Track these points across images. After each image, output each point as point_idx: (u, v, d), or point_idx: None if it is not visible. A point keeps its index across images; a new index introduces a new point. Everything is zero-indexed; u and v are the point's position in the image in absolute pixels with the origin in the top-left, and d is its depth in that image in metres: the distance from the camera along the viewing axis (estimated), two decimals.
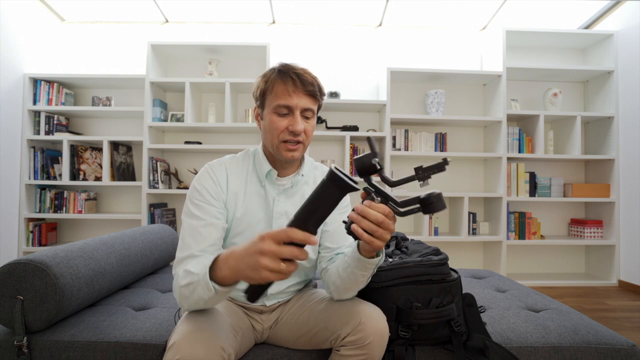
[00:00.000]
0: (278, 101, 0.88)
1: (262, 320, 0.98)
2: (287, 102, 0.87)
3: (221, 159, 0.97)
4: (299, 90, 0.88)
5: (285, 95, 0.87)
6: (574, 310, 1.20)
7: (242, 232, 0.93)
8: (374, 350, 0.81)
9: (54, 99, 2.81)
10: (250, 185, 0.96)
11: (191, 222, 0.86)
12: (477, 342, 0.94)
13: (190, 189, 0.91)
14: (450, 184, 3.10)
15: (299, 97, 0.88)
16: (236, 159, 0.98)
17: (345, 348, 0.83)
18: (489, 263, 2.98)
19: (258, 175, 0.97)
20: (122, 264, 1.25)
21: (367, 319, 0.82)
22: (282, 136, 0.89)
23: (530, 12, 3.10)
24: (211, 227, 0.86)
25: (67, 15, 3.04)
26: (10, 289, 0.94)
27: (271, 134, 0.90)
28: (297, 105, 0.88)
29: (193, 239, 0.83)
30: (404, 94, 3.10)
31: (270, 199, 0.96)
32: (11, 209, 2.64)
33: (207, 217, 0.87)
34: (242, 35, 3.12)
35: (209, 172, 0.92)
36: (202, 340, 0.71)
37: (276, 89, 0.88)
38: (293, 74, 0.88)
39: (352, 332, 0.82)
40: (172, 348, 0.70)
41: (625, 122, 2.79)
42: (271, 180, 0.96)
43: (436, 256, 1.01)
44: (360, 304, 0.87)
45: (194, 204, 0.88)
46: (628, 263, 2.74)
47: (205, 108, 3.02)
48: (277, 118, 0.89)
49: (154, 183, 2.75)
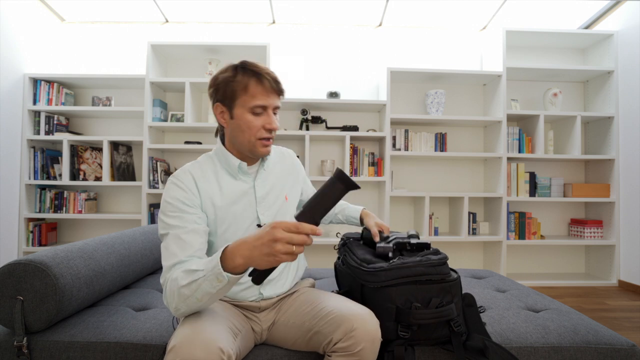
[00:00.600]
0: (256, 102, 0.92)
1: (260, 321, 0.98)
2: (265, 103, 0.93)
3: (183, 167, 0.98)
4: (274, 90, 0.94)
5: (264, 96, 0.92)
6: (574, 310, 1.20)
7: (230, 225, 0.96)
8: (365, 357, 0.81)
9: (54, 99, 2.81)
10: (223, 182, 0.99)
11: (172, 232, 0.86)
12: (476, 342, 0.94)
13: (162, 205, 0.91)
14: (450, 184, 3.10)
15: (274, 97, 0.95)
16: (199, 163, 1.00)
17: (336, 354, 0.82)
18: (489, 263, 2.98)
19: (228, 171, 1.00)
20: (122, 264, 1.25)
21: (359, 324, 0.81)
22: (258, 134, 0.94)
23: (530, 12, 3.10)
24: (193, 233, 0.87)
25: (67, 15, 3.04)
26: (10, 289, 0.94)
27: (248, 133, 0.94)
28: (271, 105, 0.94)
29: (177, 246, 0.84)
30: (404, 94, 3.10)
31: (249, 187, 1.01)
32: (11, 209, 2.64)
33: (187, 225, 0.88)
34: (242, 35, 3.12)
35: (176, 183, 0.93)
36: (201, 342, 0.72)
37: (252, 90, 0.92)
38: (267, 76, 0.93)
39: (343, 338, 0.81)
40: (171, 351, 0.71)
41: (625, 122, 2.79)
42: (243, 171, 1.01)
43: (435, 256, 1.01)
44: (352, 307, 0.86)
45: (169, 217, 0.88)
46: (628, 263, 2.74)
47: (205, 108, 3.02)
48: (253, 117, 0.93)
49: (154, 183, 2.75)
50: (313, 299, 0.96)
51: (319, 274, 1.60)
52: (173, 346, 0.72)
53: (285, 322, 0.96)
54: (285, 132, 2.76)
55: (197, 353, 0.70)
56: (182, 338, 0.73)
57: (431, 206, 3.05)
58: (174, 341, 0.73)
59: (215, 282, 0.73)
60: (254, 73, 0.92)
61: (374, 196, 3.07)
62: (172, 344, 0.72)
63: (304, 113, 2.88)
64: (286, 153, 1.16)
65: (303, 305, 0.96)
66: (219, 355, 0.72)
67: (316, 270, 1.65)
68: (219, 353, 0.72)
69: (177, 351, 0.71)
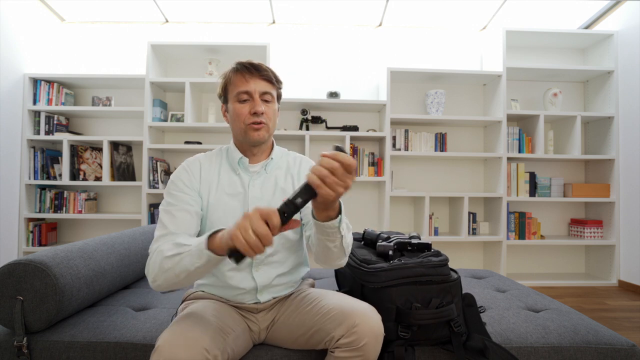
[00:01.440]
0: (237, 89, 0.97)
1: (257, 321, 0.98)
2: (246, 88, 0.96)
3: (196, 155, 1.06)
4: (255, 75, 0.97)
5: (243, 82, 0.96)
6: (574, 310, 1.20)
7: (219, 218, 0.97)
8: (369, 352, 0.81)
9: (54, 99, 2.81)
10: (223, 174, 1.02)
11: (167, 208, 0.94)
12: (476, 342, 0.94)
13: (168, 183, 0.99)
14: (450, 184, 3.10)
15: (256, 82, 0.97)
16: (210, 154, 1.07)
17: (339, 350, 0.83)
18: (489, 263, 2.98)
19: (230, 165, 1.04)
20: (122, 264, 1.25)
21: (361, 320, 0.82)
22: (246, 120, 0.97)
23: (530, 12, 3.10)
24: (184, 212, 0.93)
25: (67, 15, 3.04)
26: (10, 289, 0.94)
27: (237, 121, 0.98)
28: (254, 90, 0.96)
29: (169, 220, 0.91)
30: (404, 94, 3.10)
31: (245, 184, 1.01)
32: (11, 209, 2.64)
33: (180, 204, 0.94)
34: (242, 35, 3.12)
35: (184, 166, 1.02)
36: (185, 342, 0.73)
37: (234, 80, 0.98)
38: (247, 64, 0.97)
39: (345, 334, 0.82)
40: (156, 351, 0.73)
41: (625, 122, 2.79)
42: (244, 167, 1.02)
43: (436, 257, 1.01)
44: (354, 304, 0.86)
45: (169, 194, 0.97)
46: (628, 263, 2.74)
47: (205, 108, 3.02)
48: (240, 105, 0.97)
49: (154, 183, 2.75)
50: (313, 297, 0.96)
51: (319, 274, 1.60)
52: (158, 346, 0.73)
53: (285, 321, 0.96)
54: (285, 132, 2.76)
55: (180, 353, 0.71)
56: (167, 338, 0.74)
57: (431, 206, 3.05)
58: (159, 341, 0.74)
59: (196, 258, 0.75)
60: (236, 65, 0.99)
61: (374, 196, 3.07)
62: (158, 344, 0.74)
63: (304, 113, 2.88)
64: (303, 160, 1.10)
65: (303, 303, 0.96)
66: (203, 356, 0.72)
67: (316, 270, 1.65)
68: (203, 353, 0.73)
69: (161, 351, 0.72)
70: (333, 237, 0.81)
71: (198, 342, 0.74)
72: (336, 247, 0.84)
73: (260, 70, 0.97)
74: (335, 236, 0.82)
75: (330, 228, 0.80)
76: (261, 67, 0.98)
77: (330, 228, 0.80)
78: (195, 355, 0.71)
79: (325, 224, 0.79)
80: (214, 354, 0.75)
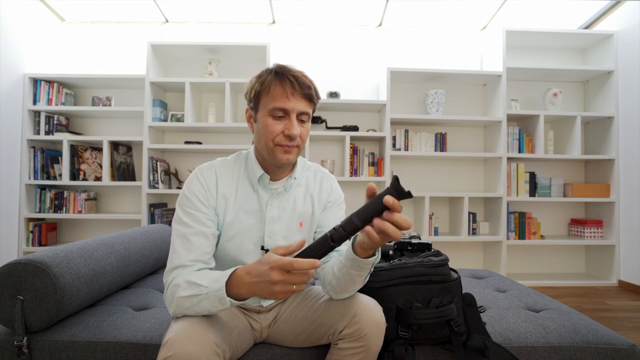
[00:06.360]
0: (274, 104, 0.86)
1: (260, 320, 0.98)
2: (284, 105, 0.86)
3: (211, 163, 0.96)
4: (297, 93, 0.86)
5: (283, 97, 0.85)
6: (574, 310, 1.20)
7: (234, 237, 0.93)
8: (371, 341, 0.82)
9: (54, 99, 2.81)
10: (241, 190, 0.95)
11: (181, 229, 0.86)
12: (477, 342, 0.94)
13: (181, 195, 0.91)
14: (450, 184, 3.10)
15: (297, 101, 0.86)
16: (227, 162, 0.97)
17: (343, 341, 0.84)
18: (489, 263, 2.98)
19: (250, 180, 0.96)
20: (122, 264, 1.25)
21: (362, 310, 0.83)
22: (277, 140, 0.87)
23: (530, 12, 3.10)
24: (201, 235, 0.86)
25: (67, 15, 3.04)
26: (10, 289, 0.94)
27: (265, 137, 0.88)
28: (293, 109, 0.86)
29: (184, 247, 0.84)
30: (404, 94, 3.10)
31: (263, 203, 0.95)
32: (11, 209, 2.64)
33: (196, 225, 0.87)
34: (242, 35, 3.12)
35: (199, 177, 0.92)
36: (195, 336, 0.72)
37: (273, 91, 0.86)
38: (291, 76, 0.86)
39: (348, 324, 0.83)
40: (166, 345, 0.71)
41: (625, 122, 2.79)
42: (263, 184, 0.95)
43: (436, 257, 1.01)
44: (355, 297, 0.87)
45: (184, 211, 0.88)
46: (628, 263, 2.74)
47: (205, 108, 3.02)
48: (273, 121, 0.87)
49: (154, 183, 2.75)
50: (314, 293, 0.97)
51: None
52: (167, 340, 0.71)
53: (287, 317, 0.96)
54: None
55: (191, 347, 0.69)
56: (177, 332, 0.72)
57: (431, 206, 3.05)
58: (169, 335, 0.72)
59: (218, 303, 0.74)
60: (277, 74, 0.86)
61: None
62: (167, 338, 0.72)
63: None
64: (323, 178, 1.04)
65: (304, 300, 0.96)
66: (213, 350, 0.72)
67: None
68: (213, 347, 0.72)
69: (170, 345, 0.70)
70: (365, 271, 0.79)
71: (208, 336, 0.73)
72: (361, 278, 0.81)
73: (303, 87, 0.86)
74: (367, 270, 0.80)
75: (367, 264, 0.78)
76: (304, 83, 0.87)
77: (366, 264, 0.78)
78: (206, 349, 0.70)
79: (365, 260, 0.77)
80: (222, 349, 0.74)
